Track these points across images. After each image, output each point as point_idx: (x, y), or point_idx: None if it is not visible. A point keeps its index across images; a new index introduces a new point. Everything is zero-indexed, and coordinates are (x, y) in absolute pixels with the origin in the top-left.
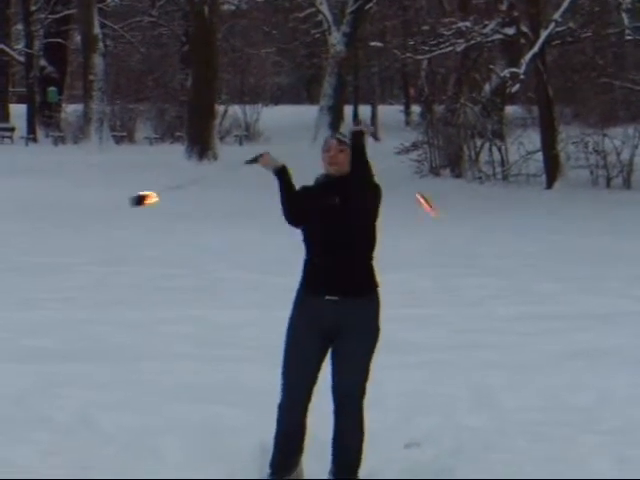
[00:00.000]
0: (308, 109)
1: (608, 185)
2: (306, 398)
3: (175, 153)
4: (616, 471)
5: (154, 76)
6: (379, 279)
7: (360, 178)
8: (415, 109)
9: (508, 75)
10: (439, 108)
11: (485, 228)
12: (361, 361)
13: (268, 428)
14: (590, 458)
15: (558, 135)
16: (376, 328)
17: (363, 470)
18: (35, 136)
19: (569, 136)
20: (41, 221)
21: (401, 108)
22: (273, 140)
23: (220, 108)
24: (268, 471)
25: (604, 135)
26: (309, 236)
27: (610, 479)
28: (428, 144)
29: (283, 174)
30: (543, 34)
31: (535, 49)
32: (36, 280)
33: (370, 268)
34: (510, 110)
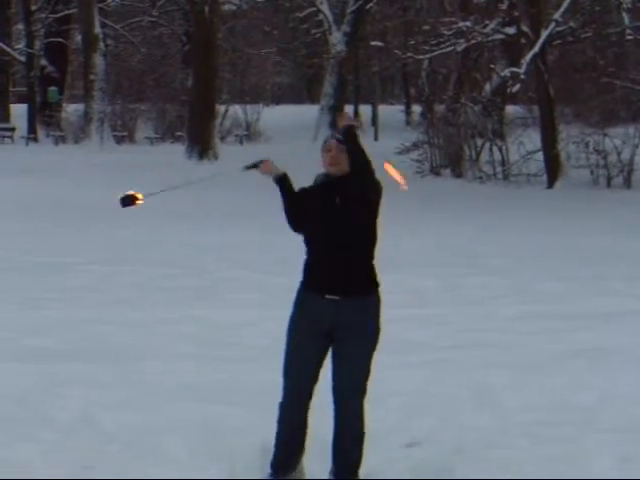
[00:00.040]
0: (309, 109)
1: (609, 185)
2: (307, 397)
3: (176, 153)
4: (618, 470)
5: (155, 76)
6: (380, 279)
7: (360, 176)
8: (416, 109)
9: (509, 75)
10: (440, 108)
11: (486, 228)
12: (362, 361)
13: (269, 428)
14: (592, 457)
15: (559, 135)
16: (377, 328)
17: (363, 470)
18: (36, 136)
19: (570, 136)
20: (42, 221)
21: (402, 108)
22: (274, 140)
23: (221, 108)
24: (269, 471)
25: (605, 135)
26: (310, 236)
27: (612, 479)
28: (429, 144)
29: (284, 182)
30: (544, 34)
31: (536, 49)
32: (38, 280)
33: (371, 267)
34: (511, 110)
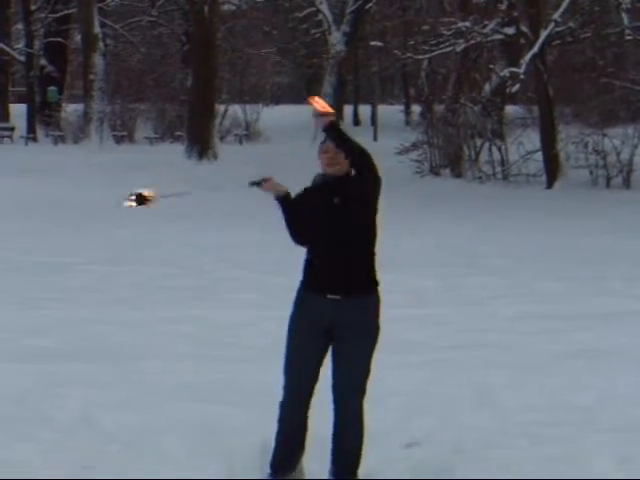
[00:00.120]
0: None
1: (608, 185)
2: (308, 396)
3: (175, 153)
4: (617, 471)
5: (154, 76)
6: (380, 278)
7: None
8: (415, 109)
9: (508, 75)
10: (439, 108)
11: (486, 228)
12: (361, 360)
13: (268, 428)
14: (591, 458)
15: (558, 135)
16: (376, 327)
17: (363, 470)
18: (35, 136)
19: (569, 136)
20: (42, 221)
21: (401, 108)
22: (273, 140)
23: (220, 108)
24: (268, 471)
25: (604, 135)
26: (310, 236)
27: (611, 479)
28: (428, 144)
29: (286, 200)
30: (543, 34)
31: (535, 49)
32: (37, 280)
33: (371, 267)
34: (510, 110)
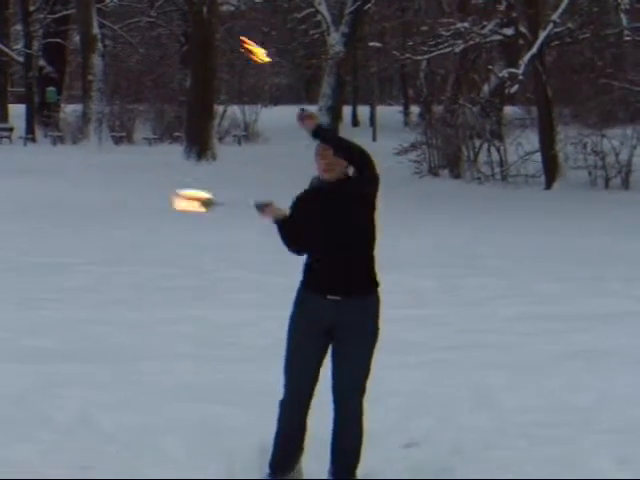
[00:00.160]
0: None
1: (607, 186)
2: (308, 397)
3: (174, 153)
4: (616, 471)
5: (153, 76)
6: (380, 279)
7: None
8: (414, 110)
9: (507, 76)
10: (438, 109)
11: (484, 228)
12: (362, 360)
13: (268, 428)
14: (590, 458)
15: (557, 136)
16: (376, 327)
17: (363, 470)
18: (34, 136)
19: (568, 137)
20: (40, 221)
21: (400, 109)
22: (272, 140)
23: (219, 108)
24: (267, 471)
25: (603, 136)
26: (308, 242)
27: (610, 479)
28: (427, 145)
29: (284, 223)
30: (542, 35)
31: (534, 50)
32: (36, 280)
33: (371, 267)
34: (509, 111)
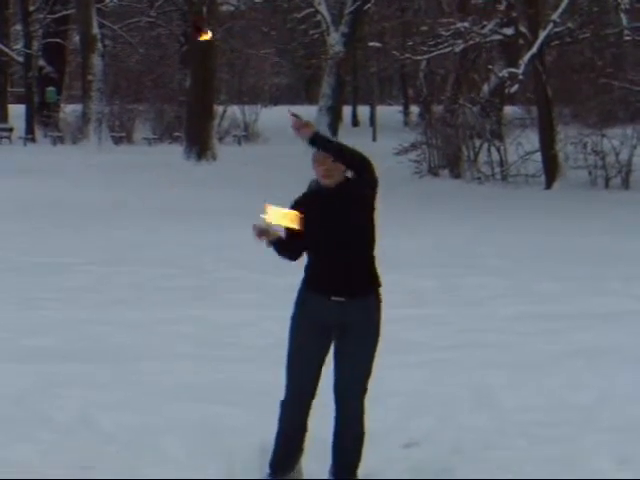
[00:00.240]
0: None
1: (607, 185)
2: (309, 397)
3: (174, 153)
4: (617, 470)
5: (153, 76)
6: (381, 279)
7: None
8: (414, 109)
9: (507, 75)
10: (438, 108)
11: (484, 228)
12: (364, 360)
13: (268, 428)
14: (590, 458)
15: (557, 135)
16: (378, 327)
17: (362, 470)
18: (34, 136)
19: (568, 136)
20: (40, 221)
21: (400, 108)
22: (272, 141)
23: (219, 108)
24: (268, 471)
25: (603, 135)
26: (311, 240)
27: (610, 479)
28: (427, 144)
29: (278, 244)
30: (542, 34)
31: (534, 49)
32: (36, 280)
33: (373, 268)
34: (509, 110)
